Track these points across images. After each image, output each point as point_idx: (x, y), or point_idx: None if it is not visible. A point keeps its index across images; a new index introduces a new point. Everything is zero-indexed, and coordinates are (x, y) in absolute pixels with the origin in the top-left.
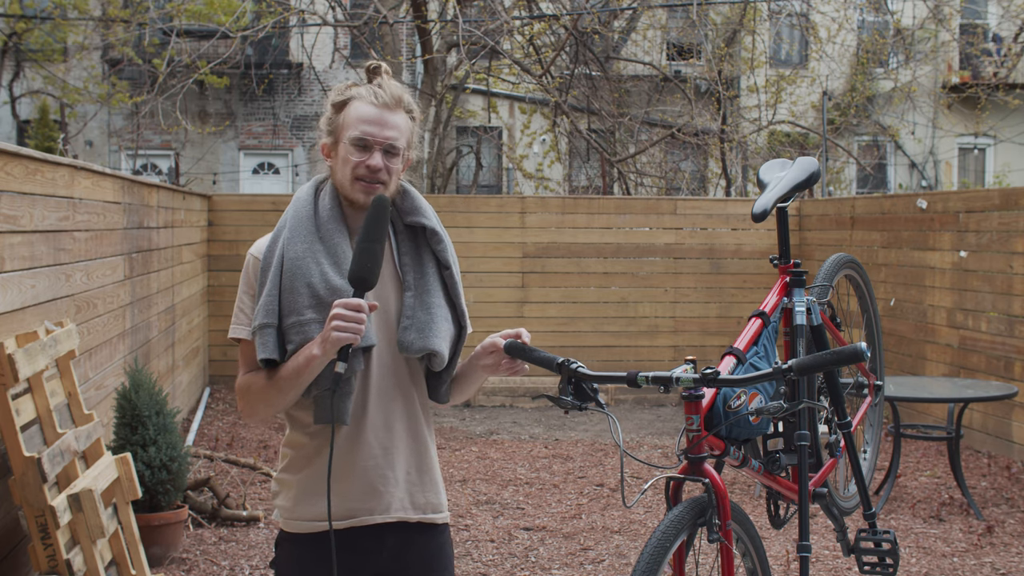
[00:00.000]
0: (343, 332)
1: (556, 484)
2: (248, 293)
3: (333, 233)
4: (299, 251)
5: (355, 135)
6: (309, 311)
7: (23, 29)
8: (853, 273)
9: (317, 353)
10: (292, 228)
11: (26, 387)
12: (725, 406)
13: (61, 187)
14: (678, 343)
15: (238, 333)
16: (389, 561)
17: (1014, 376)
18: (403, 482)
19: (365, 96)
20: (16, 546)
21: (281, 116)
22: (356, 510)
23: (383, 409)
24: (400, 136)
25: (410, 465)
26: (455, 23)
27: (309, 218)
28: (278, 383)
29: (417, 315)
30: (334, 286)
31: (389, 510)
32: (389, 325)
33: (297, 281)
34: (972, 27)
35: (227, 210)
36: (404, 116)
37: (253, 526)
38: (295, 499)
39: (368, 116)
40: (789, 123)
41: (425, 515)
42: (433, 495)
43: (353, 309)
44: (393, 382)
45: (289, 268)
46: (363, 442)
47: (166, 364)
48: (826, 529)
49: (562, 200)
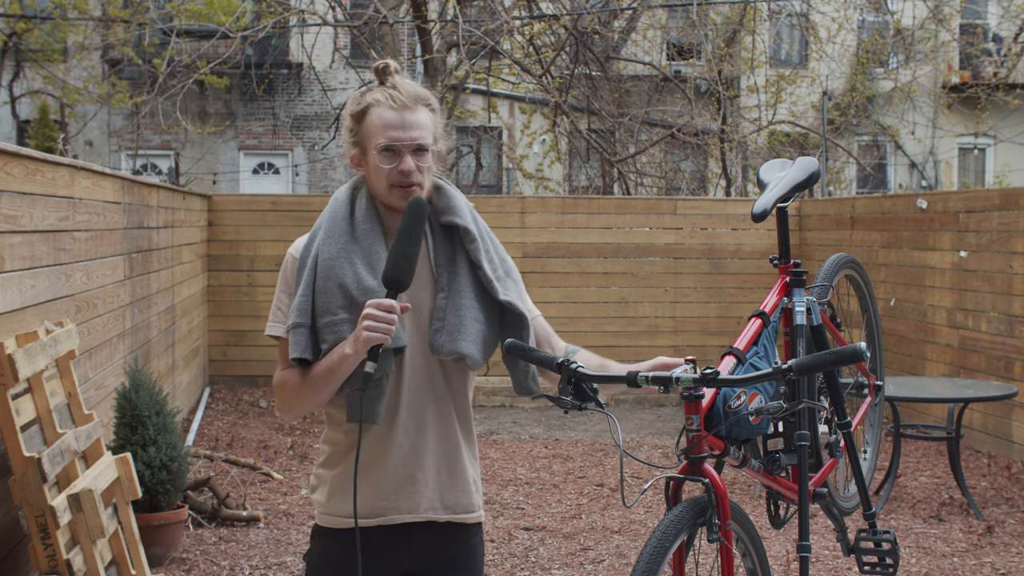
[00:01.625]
0: (374, 332)
1: (556, 484)
2: (286, 292)
3: (369, 234)
4: (333, 251)
5: (382, 143)
6: (342, 311)
7: (23, 29)
8: (853, 273)
9: (349, 352)
10: (328, 229)
11: (26, 387)
12: (725, 406)
13: (61, 187)
14: (678, 343)
15: (275, 331)
16: (418, 559)
17: (1014, 376)
18: (433, 482)
19: (383, 101)
20: (16, 546)
21: (281, 116)
22: (385, 509)
23: (415, 410)
24: (425, 133)
25: (440, 465)
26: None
27: (345, 219)
28: (312, 381)
29: (448, 317)
30: (367, 287)
31: (418, 510)
32: (422, 327)
33: (330, 281)
34: (972, 27)
35: (227, 210)
36: (425, 112)
37: (253, 526)
38: (328, 494)
39: (391, 121)
40: (789, 123)
41: (455, 515)
42: (465, 495)
43: (385, 310)
44: (426, 383)
45: (323, 268)
46: (394, 442)
47: (166, 364)
48: (826, 529)
49: (562, 200)
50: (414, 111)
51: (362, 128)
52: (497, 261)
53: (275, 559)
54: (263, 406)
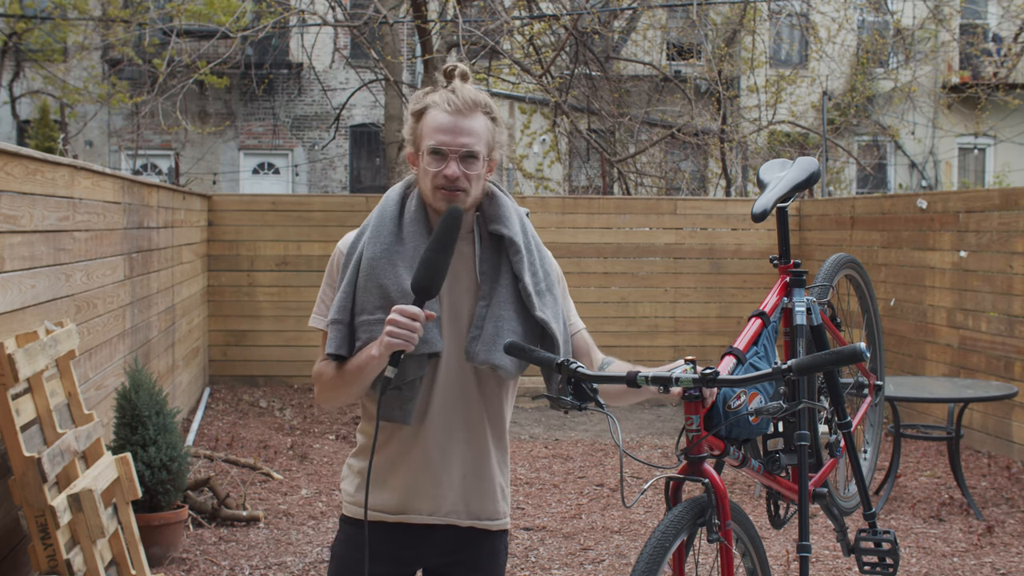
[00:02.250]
0: (395, 339)
1: (556, 484)
2: (330, 285)
3: (414, 236)
4: (377, 251)
5: (431, 145)
6: (379, 311)
7: (23, 29)
8: (853, 273)
9: (375, 354)
10: (375, 227)
11: (26, 387)
12: (725, 406)
13: (61, 187)
14: (678, 343)
15: (316, 323)
16: (437, 557)
17: (1014, 376)
18: (459, 487)
19: (440, 103)
20: (16, 546)
21: (281, 116)
22: (408, 507)
23: (446, 413)
24: (477, 141)
25: (467, 470)
26: (455, 23)
27: (393, 219)
28: (344, 376)
29: (486, 327)
30: (406, 289)
31: (439, 512)
32: (460, 332)
33: (371, 281)
34: (972, 27)
35: (227, 210)
36: (483, 119)
37: (253, 526)
38: (357, 486)
39: (443, 125)
40: (789, 123)
41: (479, 521)
42: (490, 502)
43: (409, 317)
44: (459, 388)
45: (366, 267)
46: (422, 443)
47: (166, 364)
48: (826, 529)
49: (562, 200)
50: (469, 117)
51: (418, 127)
52: (541, 274)
53: (275, 559)
54: (263, 406)
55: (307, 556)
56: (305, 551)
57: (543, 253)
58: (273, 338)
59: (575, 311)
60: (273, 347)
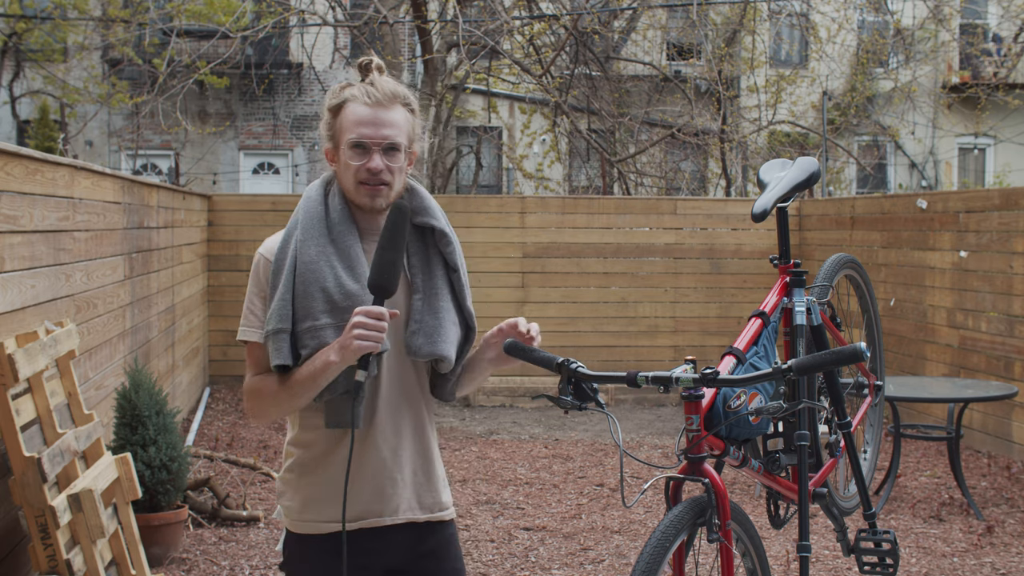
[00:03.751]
0: (365, 341)
1: (556, 484)
2: (258, 295)
3: (345, 235)
4: (312, 254)
5: (352, 138)
6: (324, 316)
7: (23, 29)
8: (853, 273)
9: (335, 359)
10: (304, 229)
11: (26, 387)
12: (725, 406)
13: (61, 187)
14: (678, 343)
15: (248, 336)
16: (399, 557)
17: (1014, 376)
18: (411, 483)
19: (358, 97)
20: (16, 546)
21: (281, 116)
22: (366, 512)
23: (392, 412)
24: (399, 133)
25: (416, 466)
26: (455, 23)
27: (320, 219)
28: (291, 387)
29: (425, 319)
30: (349, 291)
31: (397, 512)
32: (397, 328)
33: (311, 286)
34: (972, 27)
35: (227, 210)
36: (402, 111)
37: (253, 526)
38: (303, 502)
39: (363, 117)
40: (789, 123)
41: (433, 514)
42: (439, 494)
43: (375, 317)
44: (400, 386)
45: (303, 272)
46: (372, 445)
47: (166, 364)
48: (826, 529)
49: (562, 200)
50: (389, 109)
51: (336, 122)
52: (463, 267)
53: (275, 559)
54: None
55: None
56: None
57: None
58: None
59: None
60: None
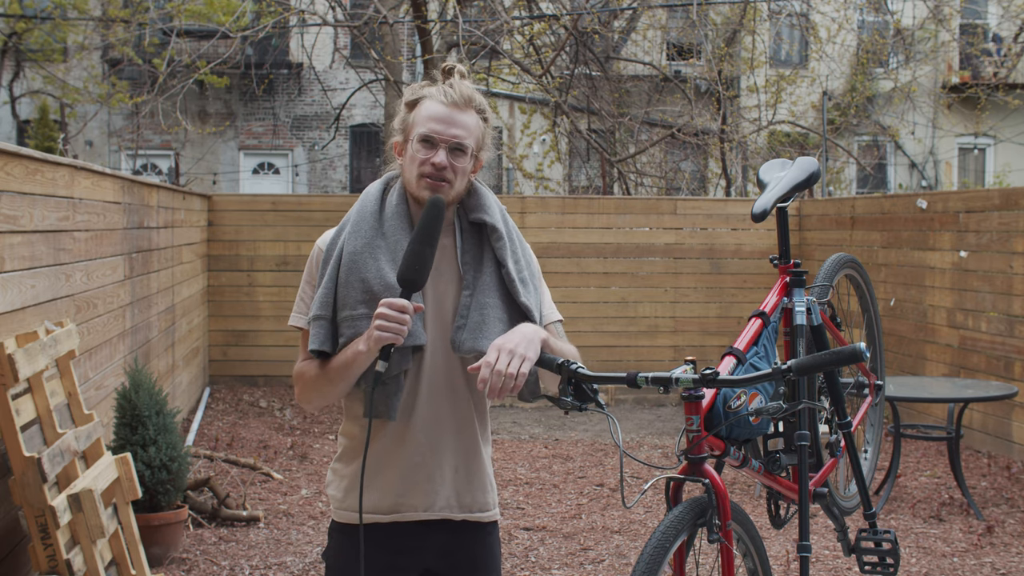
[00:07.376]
0: (385, 332)
1: (556, 484)
2: (309, 283)
3: (396, 230)
4: (358, 246)
5: (422, 132)
6: (361, 306)
7: (23, 29)
8: (853, 273)
9: (363, 349)
10: (355, 223)
11: (26, 387)
12: (725, 406)
13: (61, 187)
14: (678, 343)
15: (296, 321)
16: (435, 558)
17: (1014, 376)
18: (450, 480)
19: (435, 95)
20: (16, 546)
21: (281, 116)
22: (401, 505)
23: (433, 406)
24: (468, 135)
25: (458, 463)
26: (455, 23)
27: (374, 214)
28: (328, 374)
29: (471, 315)
30: (389, 283)
31: (434, 507)
32: (445, 323)
33: (352, 275)
34: (972, 27)
35: (227, 210)
36: (475, 117)
37: (253, 526)
38: (345, 490)
39: (436, 114)
40: (789, 123)
41: (471, 514)
42: (481, 494)
43: (397, 310)
44: (444, 380)
45: (347, 262)
46: (411, 438)
47: (166, 364)
48: (826, 529)
49: (562, 200)
50: (463, 111)
51: (411, 116)
52: (523, 263)
53: (275, 559)
54: (263, 406)
55: (307, 556)
56: (305, 551)
57: (524, 243)
58: (273, 338)
59: (551, 301)
60: (273, 347)
